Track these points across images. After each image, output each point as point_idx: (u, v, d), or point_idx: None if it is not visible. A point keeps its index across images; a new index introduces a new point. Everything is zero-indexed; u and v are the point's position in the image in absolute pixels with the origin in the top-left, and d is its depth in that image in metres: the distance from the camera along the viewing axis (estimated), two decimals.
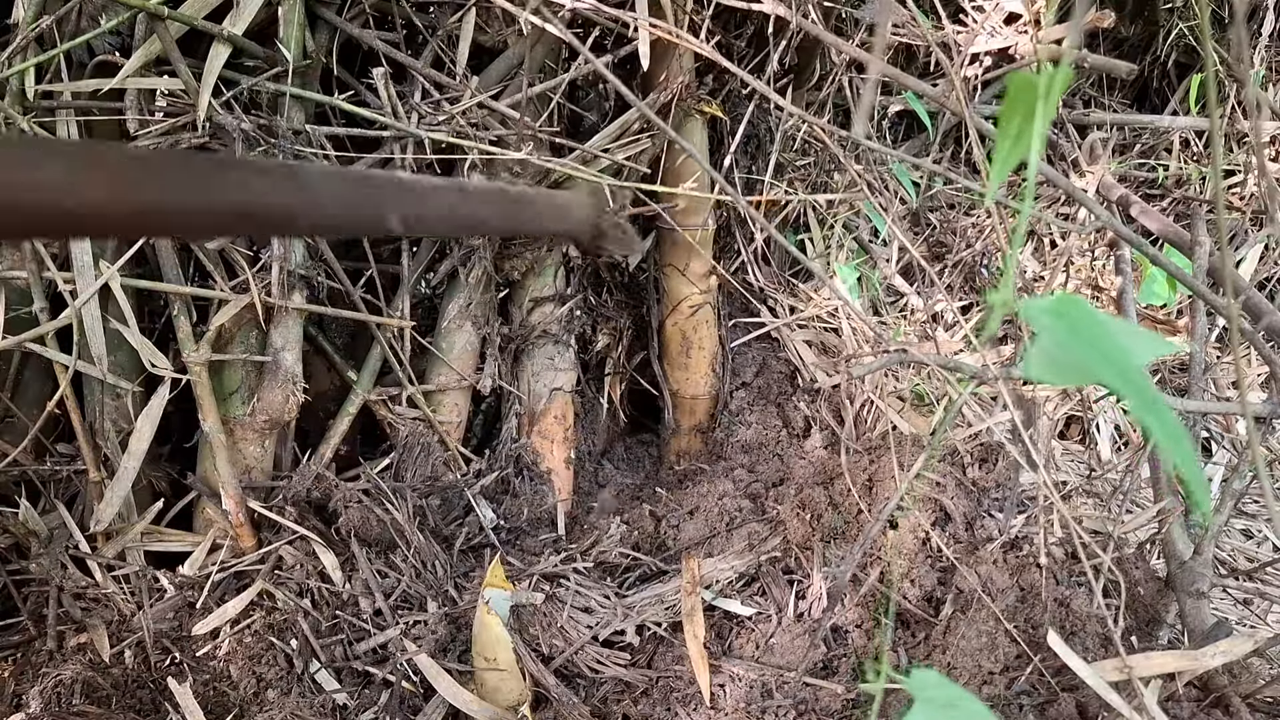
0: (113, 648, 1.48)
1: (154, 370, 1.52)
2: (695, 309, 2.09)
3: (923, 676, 0.54)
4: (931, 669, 0.63)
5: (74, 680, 1.41)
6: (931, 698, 0.53)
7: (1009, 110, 0.45)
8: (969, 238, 2.63)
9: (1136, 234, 1.51)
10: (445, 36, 1.73)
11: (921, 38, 1.57)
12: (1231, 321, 0.76)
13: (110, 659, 1.46)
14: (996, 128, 0.49)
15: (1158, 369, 2.48)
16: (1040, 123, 0.44)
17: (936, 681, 0.54)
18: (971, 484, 1.75)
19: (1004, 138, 0.46)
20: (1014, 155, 0.47)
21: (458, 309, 1.87)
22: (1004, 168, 0.48)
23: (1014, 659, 1.41)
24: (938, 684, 0.54)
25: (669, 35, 1.58)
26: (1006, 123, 0.46)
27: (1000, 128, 0.47)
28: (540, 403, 1.96)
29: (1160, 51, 2.91)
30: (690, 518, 1.77)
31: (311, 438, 1.84)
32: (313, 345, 1.84)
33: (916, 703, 0.53)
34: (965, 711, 0.53)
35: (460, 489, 1.85)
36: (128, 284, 1.52)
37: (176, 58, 1.43)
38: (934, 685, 0.54)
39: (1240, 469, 1.51)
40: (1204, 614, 1.42)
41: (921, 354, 1.80)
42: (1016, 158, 0.47)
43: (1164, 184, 2.83)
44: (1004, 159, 0.47)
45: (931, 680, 0.54)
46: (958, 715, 0.52)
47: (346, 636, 1.54)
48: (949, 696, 0.53)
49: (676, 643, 1.50)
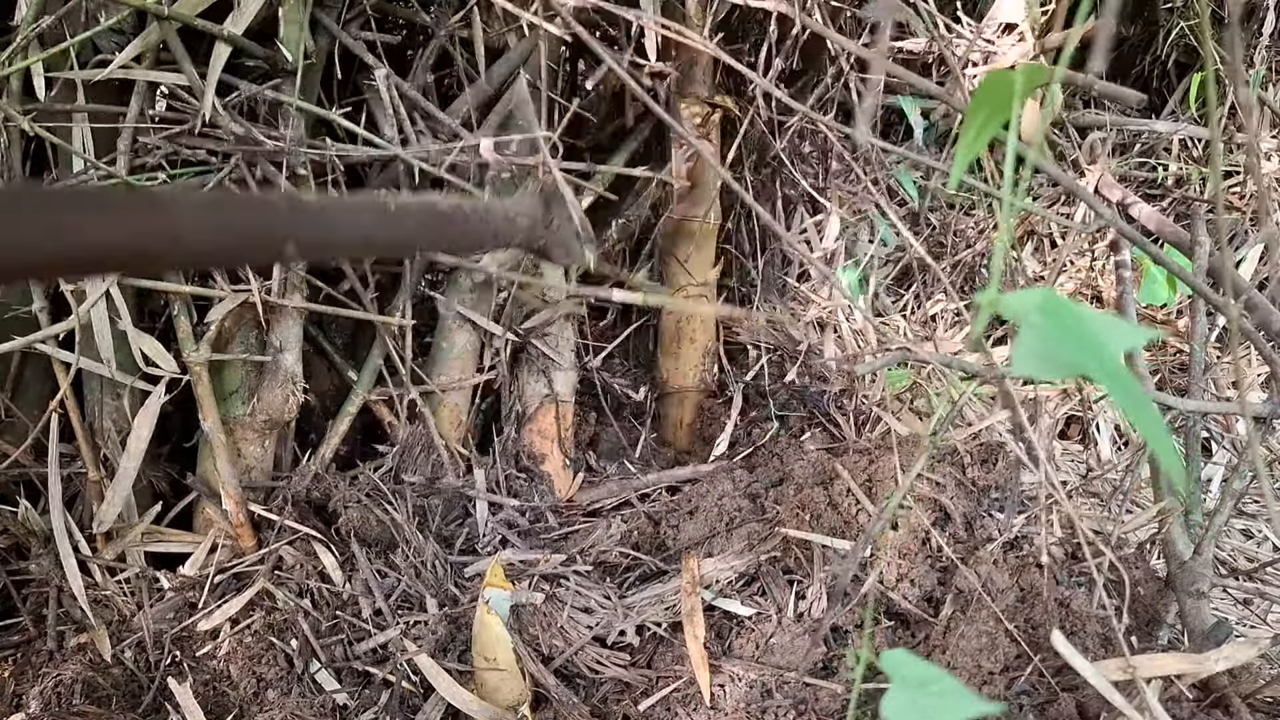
0: (113, 648, 1.48)
1: (151, 370, 1.52)
2: (691, 301, 2.09)
3: (897, 656, 0.55)
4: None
5: (74, 680, 1.41)
6: (906, 676, 0.54)
7: (978, 101, 0.46)
8: (969, 238, 2.64)
9: (1137, 233, 1.51)
10: (448, 36, 1.72)
11: (928, 35, 1.57)
12: (1232, 321, 0.76)
13: (110, 659, 1.46)
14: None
15: (1158, 369, 2.48)
16: (1027, 117, 0.45)
17: (910, 660, 0.55)
18: (971, 484, 1.75)
19: (970, 127, 0.47)
20: (978, 144, 0.48)
21: (459, 309, 1.87)
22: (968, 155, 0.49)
23: (1014, 659, 1.41)
24: (912, 663, 0.55)
25: (676, 35, 1.58)
26: (975, 113, 0.47)
27: (968, 117, 0.48)
28: (540, 402, 1.96)
29: (1160, 51, 2.92)
30: (690, 518, 1.77)
31: (311, 438, 1.84)
32: (313, 345, 1.84)
33: (893, 681, 0.54)
34: (939, 688, 0.53)
35: (460, 489, 1.85)
36: (129, 284, 1.52)
37: (181, 55, 1.43)
38: (908, 664, 0.55)
39: (1240, 469, 1.51)
40: (1204, 614, 1.42)
41: (923, 353, 1.81)
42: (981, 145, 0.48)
43: (1164, 184, 2.84)
44: (969, 146, 0.48)
45: (905, 659, 0.55)
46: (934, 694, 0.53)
47: (346, 636, 1.54)
48: (923, 675, 0.54)
49: (676, 643, 1.50)
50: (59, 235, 0.27)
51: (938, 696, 0.53)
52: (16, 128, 1.43)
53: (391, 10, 1.87)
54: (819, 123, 1.76)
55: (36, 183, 1.47)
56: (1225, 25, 2.65)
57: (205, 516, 1.66)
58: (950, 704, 0.52)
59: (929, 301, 2.52)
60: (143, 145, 1.49)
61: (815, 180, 2.43)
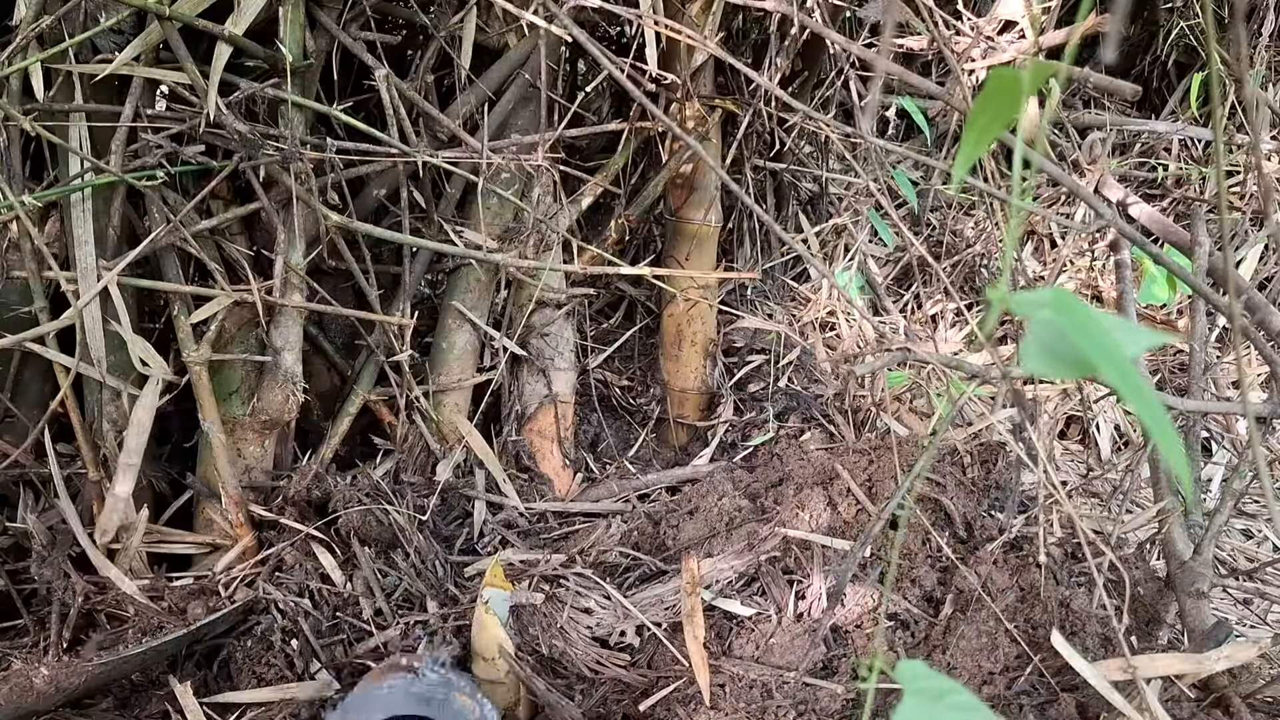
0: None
1: (144, 370, 1.52)
2: (691, 303, 2.10)
3: (912, 667, 0.54)
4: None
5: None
6: (922, 689, 0.53)
7: (983, 101, 0.46)
8: (969, 238, 2.64)
9: (1137, 233, 1.51)
10: (448, 37, 1.72)
11: (929, 33, 1.57)
12: (1234, 321, 0.76)
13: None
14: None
15: (1158, 369, 2.48)
16: (1027, 117, 0.45)
17: (926, 673, 0.53)
18: (971, 484, 1.75)
19: (973, 127, 0.47)
20: (981, 143, 0.48)
21: (459, 309, 1.87)
22: (971, 154, 0.49)
23: (1014, 659, 1.41)
24: (928, 676, 0.53)
25: (676, 34, 1.58)
26: (978, 113, 0.46)
27: (971, 117, 0.47)
28: (539, 402, 1.96)
29: (1160, 51, 2.92)
30: (690, 518, 1.77)
31: (311, 438, 1.84)
32: (313, 345, 1.84)
33: (907, 695, 0.53)
34: (956, 703, 0.52)
35: (460, 489, 1.85)
36: (128, 283, 1.51)
37: (184, 55, 1.43)
38: (924, 677, 0.53)
39: (1240, 469, 1.51)
40: (1204, 614, 1.41)
41: (923, 353, 1.80)
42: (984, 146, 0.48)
43: (1164, 184, 2.84)
44: (972, 146, 0.48)
45: (921, 672, 0.54)
46: (949, 707, 0.52)
47: (347, 637, 1.54)
48: (940, 688, 0.52)
49: (676, 643, 1.50)
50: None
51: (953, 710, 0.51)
52: (16, 127, 1.43)
53: (391, 10, 1.87)
54: (820, 122, 1.76)
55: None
56: (1226, 25, 2.65)
57: (205, 516, 1.66)
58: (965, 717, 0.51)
59: (929, 301, 2.52)
60: (143, 145, 1.49)
61: (815, 180, 2.43)
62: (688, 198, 2.04)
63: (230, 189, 1.66)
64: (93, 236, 1.47)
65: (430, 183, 1.79)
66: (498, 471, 1.88)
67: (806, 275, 2.48)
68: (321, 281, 1.68)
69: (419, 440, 1.86)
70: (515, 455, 1.95)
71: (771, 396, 2.12)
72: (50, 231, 1.53)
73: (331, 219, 1.58)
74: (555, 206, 1.89)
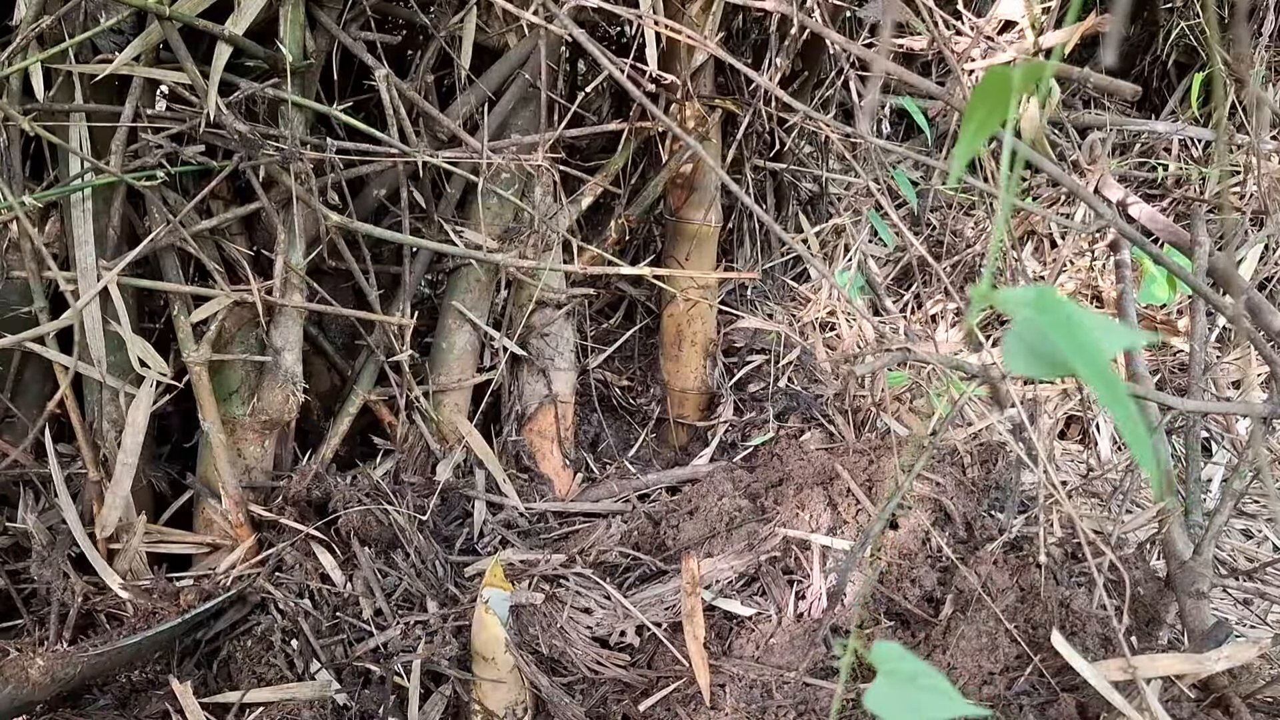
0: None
1: (142, 371, 1.52)
2: (691, 303, 2.10)
3: (885, 649, 0.54)
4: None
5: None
6: (894, 670, 0.53)
7: (977, 98, 0.46)
8: (969, 238, 2.64)
9: (1137, 233, 1.51)
10: (448, 37, 1.72)
11: (928, 33, 1.57)
12: (1235, 321, 0.76)
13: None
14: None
15: (1158, 369, 2.48)
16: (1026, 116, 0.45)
17: (899, 654, 0.54)
18: (971, 484, 1.75)
19: (969, 124, 0.47)
20: (977, 140, 0.48)
21: (459, 309, 1.87)
22: (967, 152, 0.49)
23: (1014, 659, 1.41)
24: (902, 657, 0.53)
25: (676, 34, 1.58)
26: (973, 111, 0.46)
27: (966, 114, 0.47)
28: (539, 402, 1.96)
29: (1160, 51, 2.92)
30: (690, 518, 1.77)
31: (311, 438, 1.84)
32: (313, 345, 1.84)
33: (879, 675, 0.53)
34: (927, 684, 0.52)
35: (460, 489, 1.85)
36: (128, 283, 1.51)
37: (184, 55, 1.43)
38: (897, 658, 0.53)
39: (1240, 469, 1.51)
40: (1204, 614, 1.41)
41: (923, 353, 1.81)
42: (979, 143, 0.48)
43: (1164, 184, 2.84)
44: (968, 143, 0.48)
45: (896, 653, 0.54)
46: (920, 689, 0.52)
47: (347, 636, 1.54)
48: (912, 669, 0.53)
49: (676, 643, 1.50)
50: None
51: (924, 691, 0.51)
52: (16, 127, 1.43)
53: (391, 10, 1.87)
54: (819, 122, 1.76)
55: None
56: (1226, 25, 2.65)
57: (205, 516, 1.66)
58: (935, 700, 0.51)
59: (929, 301, 2.52)
60: (143, 145, 1.49)
61: (815, 181, 2.43)
62: (688, 198, 2.05)
63: (230, 189, 1.66)
64: (93, 236, 1.47)
65: (430, 183, 1.78)
66: (498, 471, 1.88)
67: (806, 275, 2.48)
68: (321, 281, 1.68)
69: (419, 440, 1.86)
70: (515, 455, 1.95)
71: (771, 396, 2.12)
72: (50, 231, 1.53)
73: (331, 219, 1.59)
74: (555, 206, 1.89)
